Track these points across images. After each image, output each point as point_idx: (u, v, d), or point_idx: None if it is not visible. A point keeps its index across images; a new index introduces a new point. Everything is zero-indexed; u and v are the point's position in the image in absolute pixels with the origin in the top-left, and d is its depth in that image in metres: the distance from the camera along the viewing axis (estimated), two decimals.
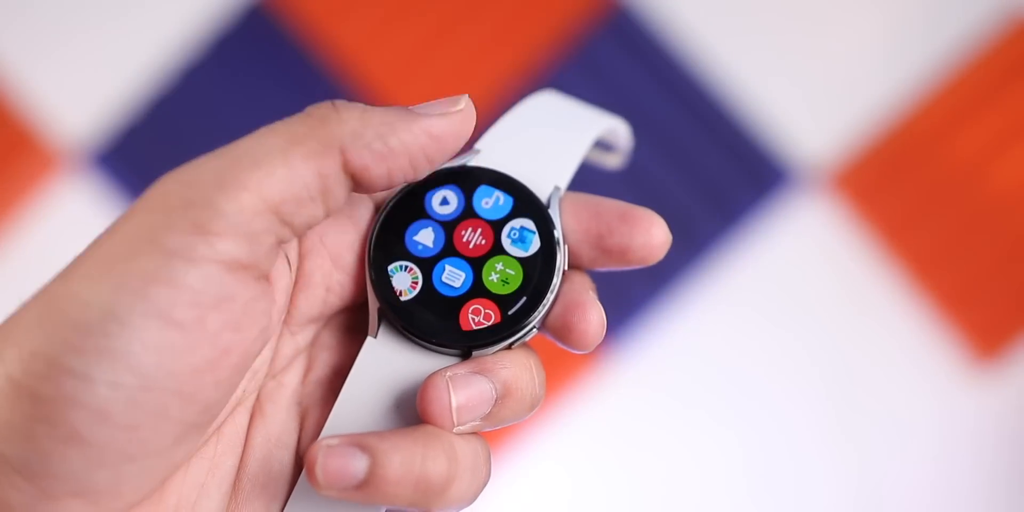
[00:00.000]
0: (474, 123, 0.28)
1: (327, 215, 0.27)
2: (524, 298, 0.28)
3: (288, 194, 0.26)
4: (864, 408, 0.63)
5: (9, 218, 0.64)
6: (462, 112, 0.28)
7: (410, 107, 0.28)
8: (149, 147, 0.65)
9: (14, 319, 0.25)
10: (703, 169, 0.64)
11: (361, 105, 0.27)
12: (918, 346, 0.63)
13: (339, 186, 0.27)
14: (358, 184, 0.27)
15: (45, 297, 0.25)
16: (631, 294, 0.63)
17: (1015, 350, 0.63)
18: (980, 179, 0.63)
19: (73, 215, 0.64)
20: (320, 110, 0.27)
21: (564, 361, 0.62)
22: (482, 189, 0.30)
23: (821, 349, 0.64)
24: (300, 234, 0.27)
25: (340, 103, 0.27)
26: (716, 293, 0.64)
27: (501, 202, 0.29)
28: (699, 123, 0.64)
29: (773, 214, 0.64)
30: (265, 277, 0.27)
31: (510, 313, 0.28)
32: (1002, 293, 0.64)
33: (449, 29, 0.65)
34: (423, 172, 0.28)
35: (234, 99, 0.65)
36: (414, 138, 0.27)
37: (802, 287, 0.64)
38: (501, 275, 0.29)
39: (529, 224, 0.29)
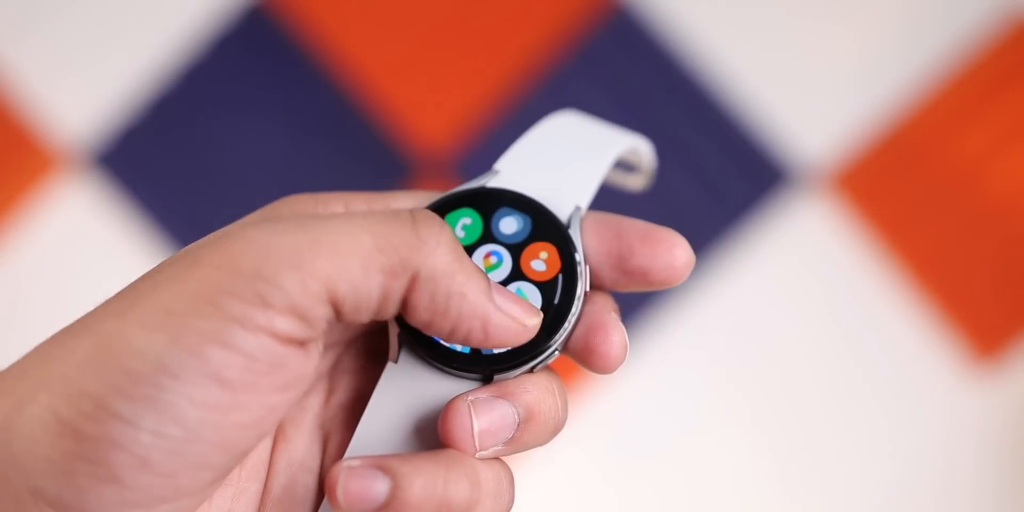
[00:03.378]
0: (525, 341, 0.28)
1: (369, 322, 0.27)
2: (545, 321, 0.28)
3: (351, 296, 0.25)
4: (864, 408, 0.64)
5: (9, 218, 0.64)
6: (526, 329, 0.27)
7: (496, 286, 0.27)
8: (149, 147, 0.65)
9: (60, 354, 0.25)
10: (703, 169, 0.64)
11: (458, 252, 0.27)
12: (917, 346, 0.63)
13: (394, 307, 0.26)
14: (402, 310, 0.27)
15: (96, 335, 0.25)
16: (630, 294, 0.64)
17: (1015, 350, 0.63)
18: (980, 179, 0.64)
19: (73, 215, 0.64)
20: (424, 228, 0.26)
21: (563, 364, 0.62)
22: (502, 211, 0.29)
23: (820, 349, 0.64)
24: (345, 324, 0.27)
25: (446, 231, 0.27)
26: (715, 292, 0.64)
27: (521, 225, 0.29)
28: (699, 123, 0.64)
29: (773, 214, 0.64)
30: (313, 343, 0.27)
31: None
32: (1002, 293, 0.64)
33: (449, 29, 0.65)
34: (454, 343, 0.28)
35: (234, 99, 0.65)
36: (470, 318, 0.26)
37: (802, 287, 0.64)
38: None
39: (549, 247, 0.29)
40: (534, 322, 0.27)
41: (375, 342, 0.30)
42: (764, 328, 0.64)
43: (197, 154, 0.65)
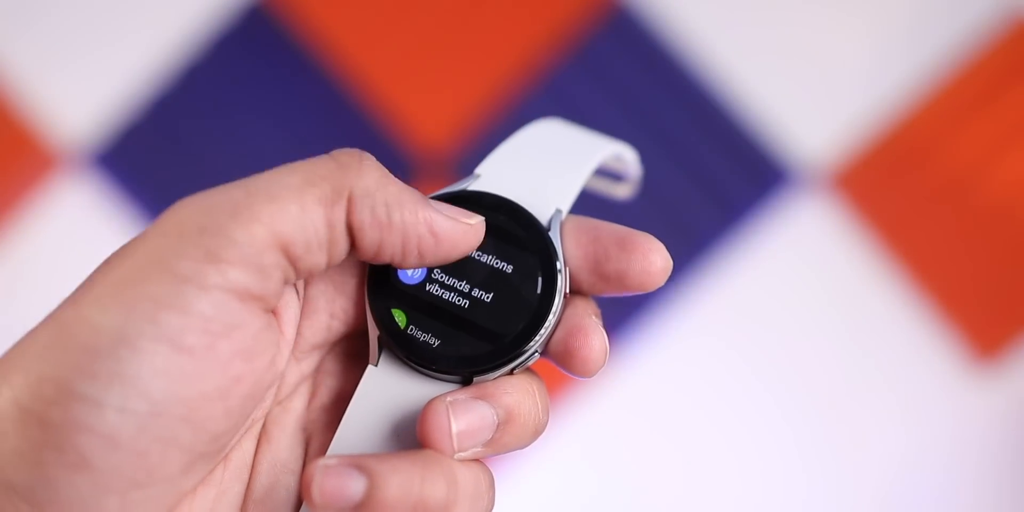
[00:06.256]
0: (476, 243, 0.28)
1: (329, 265, 0.27)
2: (524, 323, 0.28)
3: (298, 234, 0.26)
4: (864, 407, 0.63)
5: (9, 218, 0.64)
6: (471, 227, 0.28)
7: (429, 196, 0.28)
8: (149, 147, 0.65)
9: (22, 346, 0.25)
10: (703, 169, 0.64)
11: (384, 171, 0.27)
12: (918, 346, 0.63)
13: (343, 239, 0.27)
14: (352, 243, 0.27)
15: (55, 322, 0.25)
16: (631, 295, 0.63)
17: (1015, 350, 0.63)
18: (980, 179, 0.64)
19: (73, 215, 0.64)
20: (344, 157, 0.27)
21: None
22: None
23: (820, 348, 0.64)
24: (304, 277, 0.27)
25: (366, 156, 0.27)
26: (716, 292, 0.64)
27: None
28: (699, 123, 0.64)
29: (773, 214, 0.64)
30: (273, 310, 0.27)
31: (510, 338, 0.28)
32: (1002, 293, 0.64)
33: (449, 29, 0.65)
34: (409, 262, 0.27)
35: (234, 99, 0.65)
36: (415, 224, 0.27)
37: (802, 286, 0.64)
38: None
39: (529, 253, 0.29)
40: (476, 220, 0.28)
41: (357, 346, 0.30)
42: (764, 327, 0.64)
43: (196, 154, 0.65)
